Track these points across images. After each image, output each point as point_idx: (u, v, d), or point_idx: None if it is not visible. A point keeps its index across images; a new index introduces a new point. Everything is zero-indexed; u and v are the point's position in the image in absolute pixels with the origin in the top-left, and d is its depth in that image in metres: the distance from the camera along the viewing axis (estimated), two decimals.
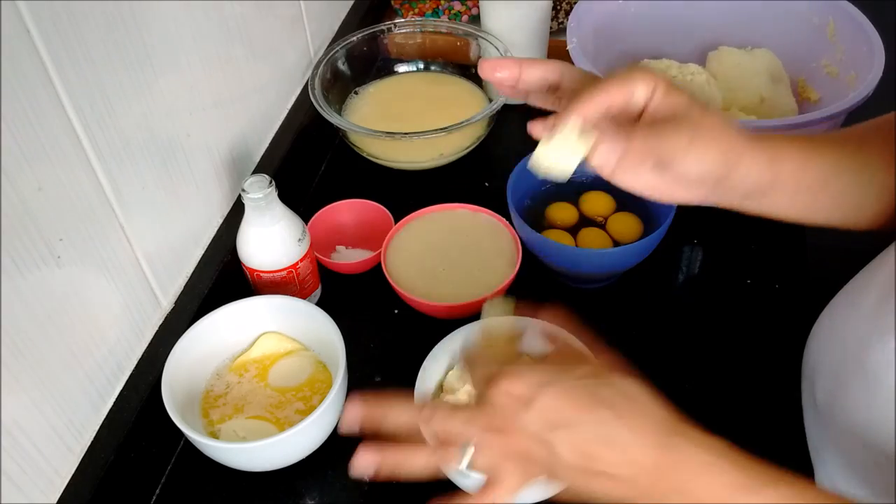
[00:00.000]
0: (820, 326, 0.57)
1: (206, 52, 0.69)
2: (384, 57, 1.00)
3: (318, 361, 0.67)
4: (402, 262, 0.75)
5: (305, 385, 0.65)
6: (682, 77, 0.83)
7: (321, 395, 0.64)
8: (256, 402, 0.64)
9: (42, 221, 0.51)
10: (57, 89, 0.51)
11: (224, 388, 0.66)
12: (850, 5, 0.83)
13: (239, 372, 0.67)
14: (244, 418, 0.63)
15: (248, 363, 0.67)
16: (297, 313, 0.67)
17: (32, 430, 0.52)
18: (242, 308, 0.67)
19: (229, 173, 0.75)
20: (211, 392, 0.65)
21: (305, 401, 0.64)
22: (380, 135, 0.83)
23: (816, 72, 0.87)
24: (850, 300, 0.54)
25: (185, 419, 0.58)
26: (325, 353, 0.67)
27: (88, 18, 0.53)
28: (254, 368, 0.67)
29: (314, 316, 0.65)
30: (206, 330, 0.65)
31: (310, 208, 0.80)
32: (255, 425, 0.62)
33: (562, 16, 1.02)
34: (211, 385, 0.66)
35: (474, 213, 0.79)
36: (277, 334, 0.68)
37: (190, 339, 0.63)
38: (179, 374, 0.62)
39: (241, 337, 0.68)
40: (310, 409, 0.63)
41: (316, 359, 0.67)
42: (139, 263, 0.63)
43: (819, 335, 0.57)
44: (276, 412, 0.63)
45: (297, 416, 0.63)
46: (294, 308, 0.67)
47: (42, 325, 0.52)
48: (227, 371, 0.67)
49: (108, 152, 0.57)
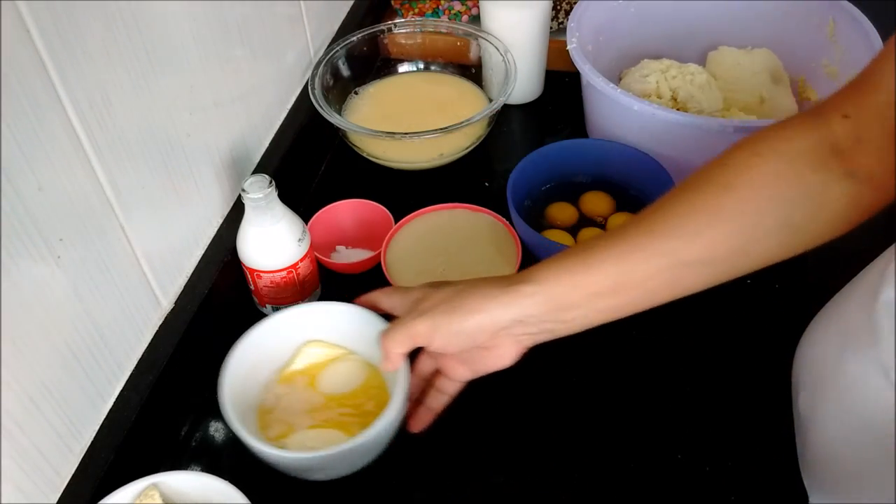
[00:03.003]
0: (805, 337, 0.57)
1: (206, 52, 0.69)
2: (384, 57, 1.00)
3: (367, 363, 0.66)
4: (402, 262, 0.75)
5: (360, 389, 0.64)
6: (681, 77, 0.83)
7: (377, 398, 0.63)
8: (312, 412, 0.63)
9: (42, 221, 0.51)
10: (57, 89, 0.51)
11: (275, 401, 0.64)
12: (850, 5, 0.83)
13: (288, 383, 0.65)
14: (307, 429, 0.62)
15: (296, 374, 0.65)
16: (338, 318, 0.66)
17: (32, 430, 0.52)
18: (283, 320, 0.65)
19: (229, 173, 0.75)
20: (264, 406, 0.64)
21: (364, 404, 0.63)
22: (380, 135, 0.83)
23: (816, 72, 0.87)
24: (831, 312, 0.54)
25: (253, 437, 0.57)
26: (374, 354, 0.64)
27: (88, 18, 0.53)
28: (303, 378, 0.65)
29: (359, 318, 0.64)
30: (251, 346, 0.63)
31: (310, 208, 0.80)
32: (321, 434, 0.61)
33: (562, 16, 1.02)
34: (262, 399, 0.64)
35: (474, 213, 0.79)
36: (320, 342, 0.67)
37: (237, 357, 0.62)
38: (235, 394, 0.60)
39: (283, 349, 0.66)
40: (368, 411, 0.62)
41: (364, 361, 0.66)
42: (139, 263, 0.63)
43: (803, 346, 0.57)
44: (334, 418, 0.62)
45: (357, 419, 0.62)
46: (336, 313, 0.66)
47: (42, 324, 0.52)
48: (277, 384, 0.65)
49: (108, 152, 0.57)
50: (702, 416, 0.66)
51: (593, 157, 0.82)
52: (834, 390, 0.49)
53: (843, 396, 0.48)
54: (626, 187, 0.81)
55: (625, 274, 0.52)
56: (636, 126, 0.78)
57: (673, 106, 0.82)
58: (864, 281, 0.50)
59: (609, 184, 0.81)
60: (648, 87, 0.83)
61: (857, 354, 0.47)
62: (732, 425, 0.65)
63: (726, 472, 0.62)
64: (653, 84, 0.83)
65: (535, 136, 0.98)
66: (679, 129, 0.75)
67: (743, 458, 0.63)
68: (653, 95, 0.83)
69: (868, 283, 0.49)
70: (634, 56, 0.91)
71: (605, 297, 0.53)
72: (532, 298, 0.53)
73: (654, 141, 0.78)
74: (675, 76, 0.84)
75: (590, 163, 0.82)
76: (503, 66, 0.89)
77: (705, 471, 0.62)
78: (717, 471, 0.62)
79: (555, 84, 1.00)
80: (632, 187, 0.81)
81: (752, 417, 0.65)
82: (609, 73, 0.86)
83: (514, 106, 0.98)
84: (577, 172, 0.82)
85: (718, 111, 0.84)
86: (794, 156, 0.49)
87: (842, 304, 0.53)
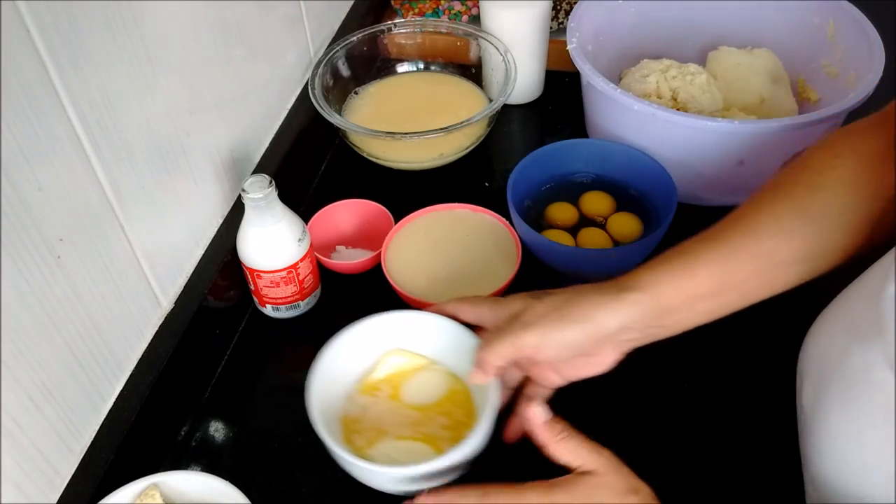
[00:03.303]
0: (811, 331, 0.58)
1: (206, 52, 0.69)
2: (384, 57, 1.00)
3: (450, 374, 0.65)
4: (402, 262, 0.75)
5: (445, 400, 0.63)
6: (681, 77, 0.83)
7: (463, 408, 0.62)
8: (398, 423, 0.62)
9: (42, 221, 0.51)
10: (57, 89, 0.51)
11: (359, 411, 0.63)
12: (850, 5, 0.83)
13: (371, 394, 0.64)
14: (392, 440, 0.60)
15: (378, 384, 0.64)
16: (421, 327, 0.64)
17: (32, 430, 0.52)
18: (364, 329, 0.64)
19: (229, 173, 0.75)
20: (348, 417, 0.63)
21: (448, 416, 0.62)
22: (380, 135, 0.83)
23: (816, 72, 0.87)
24: (838, 306, 0.55)
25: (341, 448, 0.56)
26: (457, 364, 0.64)
27: (88, 18, 0.53)
28: (385, 389, 0.64)
29: (442, 327, 0.63)
30: (335, 355, 0.62)
31: (310, 208, 0.80)
32: (406, 446, 0.60)
33: (562, 16, 1.02)
34: (346, 410, 0.63)
35: (474, 213, 0.79)
36: (402, 351, 0.66)
37: (322, 367, 0.61)
38: (322, 404, 0.59)
39: (365, 358, 0.65)
40: (455, 423, 0.61)
41: (447, 372, 0.65)
42: (139, 263, 0.63)
43: (809, 339, 0.57)
44: (421, 430, 0.61)
45: (444, 431, 0.61)
46: (418, 322, 0.65)
47: (42, 325, 0.52)
48: (359, 394, 0.64)
49: (108, 152, 0.57)
50: (702, 415, 0.66)
51: (593, 157, 0.82)
52: (839, 382, 0.49)
53: (848, 389, 0.48)
54: (626, 187, 0.81)
55: (726, 275, 0.54)
56: (636, 126, 0.78)
57: (673, 106, 0.82)
58: (872, 275, 0.51)
59: (609, 184, 0.81)
60: (648, 87, 0.83)
61: (862, 347, 0.47)
62: (732, 426, 0.65)
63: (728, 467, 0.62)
64: (653, 84, 0.83)
65: (535, 136, 0.98)
66: (679, 129, 0.75)
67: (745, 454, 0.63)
68: (653, 95, 0.83)
69: (875, 277, 0.49)
70: (634, 56, 0.91)
71: (706, 299, 0.55)
72: (639, 305, 0.54)
73: (654, 141, 0.78)
74: (675, 76, 0.84)
75: (590, 163, 0.82)
76: (503, 66, 0.89)
77: (708, 464, 0.62)
78: (719, 465, 0.62)
79: (555, 84, 1.00)
80: (632, 187, 0.81)
81: (752, 418, 0.65)
82: (609, 73, 0.86)
83: (514, 106, 0.98)
84: (577, 172, 0.82)
85: (718, 111, 0.84)
86: (870, 155, 0.53)
87: (848, 298, 0.53)
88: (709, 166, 0.77)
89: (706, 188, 0.80)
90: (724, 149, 0.75)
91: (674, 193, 0.74)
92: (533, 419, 0.55)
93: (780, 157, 0.76)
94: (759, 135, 0.73)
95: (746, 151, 0.75)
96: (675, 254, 0.56)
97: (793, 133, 0.74)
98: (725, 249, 0.54)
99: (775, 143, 0.75)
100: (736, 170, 0.77)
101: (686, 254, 0.55)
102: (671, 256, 0.55)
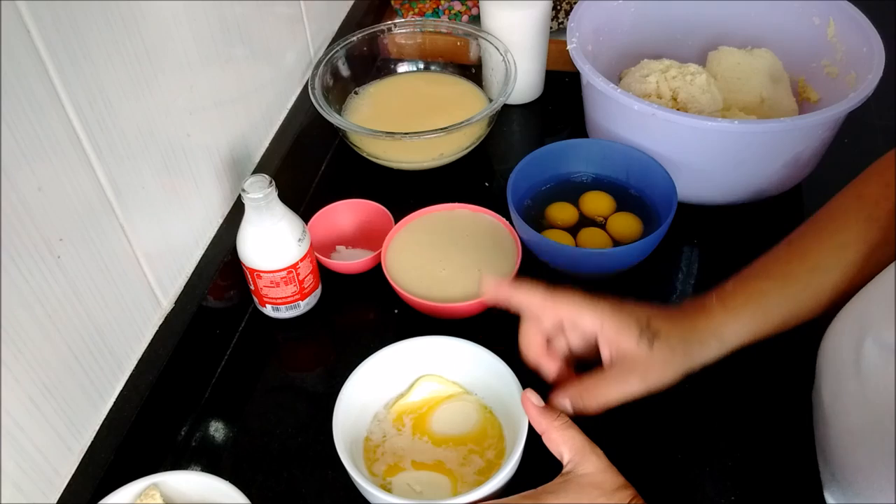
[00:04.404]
0: (830, 328, 0.58)
1: (206, 52, 0.69)
2: (384, 57, 1.00)
3: (483, 406, 0.64)
4: (402, 262, 0.75)
5: (474, 434, 0.62)
6: (682, 77, 0.83)
7: (491, 445, 0.61)
8: (421, 451, 0.61)
9: (42, 221, 0.51)
10: (57, 89, 0.51)
11: (383, 435, 0.62)
12: (850, 5, 0.83)
13: (399, 417, 0.63)
14: (413, 470, 0.60)
15: (408, 408, 0.64)
16: (459, 355, 0.63)
17: (32, 430, 0.52)
18: (400, 350, 0.63)
19: (229, 173, 0.75)
20: (370, 440, 0.62)
21: (475, 451, 0.61)
22: (380, 135, 0.83)
23: (816, 72, 0.87)
24: (857, 303, 0.55)
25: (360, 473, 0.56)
26: (490, 397, 0.63)
27: (88, 18, 0.53)
28: (414, 414, 0.63)
29: (481, 358, 0.62)
30: (365, 375, 0.62)
31: (310, 208, 0.80)
32: (426, 477, 0.59)
33: (562, 16, 1.02)
34: (370, 432, 0.63)
35: (474, 213, 0.79)
36: (437, 377, 0.65)
37: (352, 387, 0.60)
38: (346, 424, 0.59)
39: (398, 380, 0.65)
40: (482, 458, 0.60)
41: (480, 403, 0.64)
42: (139, 263, 0.63)
43: (828, 336, 0.58)
44: (444, 463, 0.60)
45: (468, 467, 0.60)
46: (457, 349, 0.63)
47: (42, 325, 0.52)
48: (387, 416, 0.63)
49: (108, 152, 0.57)
50: (702, 415, 0.66)
51: (593, 156, 0.82)
52: (855, 377, 0.50)
53: (863, 383, 0.49)
54: (626, 187, 0.81)
55: (792, 317, 0.58)
56: (636, 126, 0.78)
57: (673, 106, 0.82)
58: (889, 274, 0.51)
59: (609, 184, 0.82)
60: (648, 87, 0.83)
61: (877, 341, 0.48)
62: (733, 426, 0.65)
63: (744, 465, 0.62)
64: (653, 84, 0.83)
65: (535, 136, 0.98)
66: (679, 129, 0.75)
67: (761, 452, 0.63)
68: (653, 95, 0.83)
69: (893, 276, 0.50)
70: (634, 56, 0.90)
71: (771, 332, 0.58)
72: (716, 354, 0.57)
73: (654, 141, 0.78)
74: (675, 76, 0.83)
75: (590, 163, 0.82)
76: (503, 66, 0.89)
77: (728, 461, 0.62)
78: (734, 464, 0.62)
79: (555, 84, 1.00)
80: (632, 187, 0.81)
81: (753, 418, 0.65)
82: (609, 73, 0.86)
83: (514, 106, 0.98)
84: (577, 172, 0.82)
85: (718, 111, 0.84)
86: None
87: (867, 295, 0.54)
88: (709, 166, 0.77)
89: (706, 188, 0.80)
90: (724, 149, 0.75)
91: (674, 193, 0.74)
92: (528, 404, 0.57)
93: (780, 157, 0.76)
94: (759, 135, 0.73)
95: (746, 151, 0.75)
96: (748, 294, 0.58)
97: (793, 133, 0.74)
98: (797, 287, 0.58)
99: (775, 143, 0.75)
100: (736, 170, 0.77)
101: (761, 295, 0.58)
102: (747, 301, 0.58)
